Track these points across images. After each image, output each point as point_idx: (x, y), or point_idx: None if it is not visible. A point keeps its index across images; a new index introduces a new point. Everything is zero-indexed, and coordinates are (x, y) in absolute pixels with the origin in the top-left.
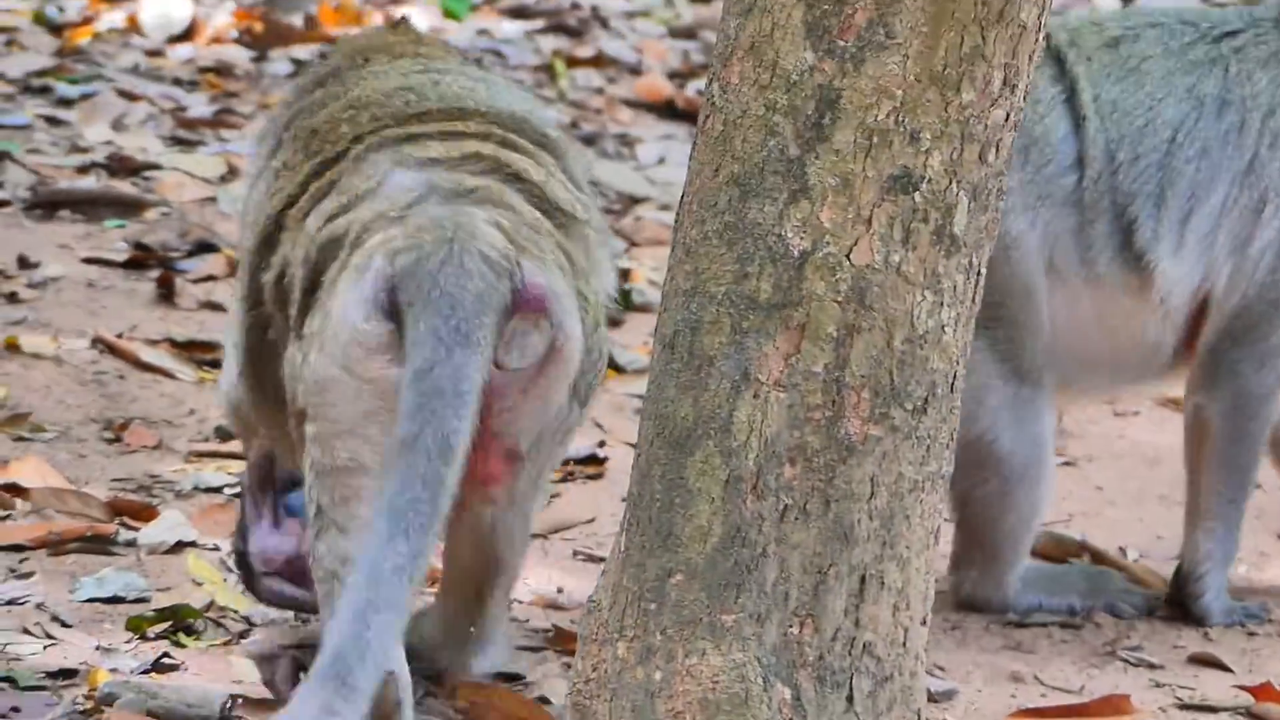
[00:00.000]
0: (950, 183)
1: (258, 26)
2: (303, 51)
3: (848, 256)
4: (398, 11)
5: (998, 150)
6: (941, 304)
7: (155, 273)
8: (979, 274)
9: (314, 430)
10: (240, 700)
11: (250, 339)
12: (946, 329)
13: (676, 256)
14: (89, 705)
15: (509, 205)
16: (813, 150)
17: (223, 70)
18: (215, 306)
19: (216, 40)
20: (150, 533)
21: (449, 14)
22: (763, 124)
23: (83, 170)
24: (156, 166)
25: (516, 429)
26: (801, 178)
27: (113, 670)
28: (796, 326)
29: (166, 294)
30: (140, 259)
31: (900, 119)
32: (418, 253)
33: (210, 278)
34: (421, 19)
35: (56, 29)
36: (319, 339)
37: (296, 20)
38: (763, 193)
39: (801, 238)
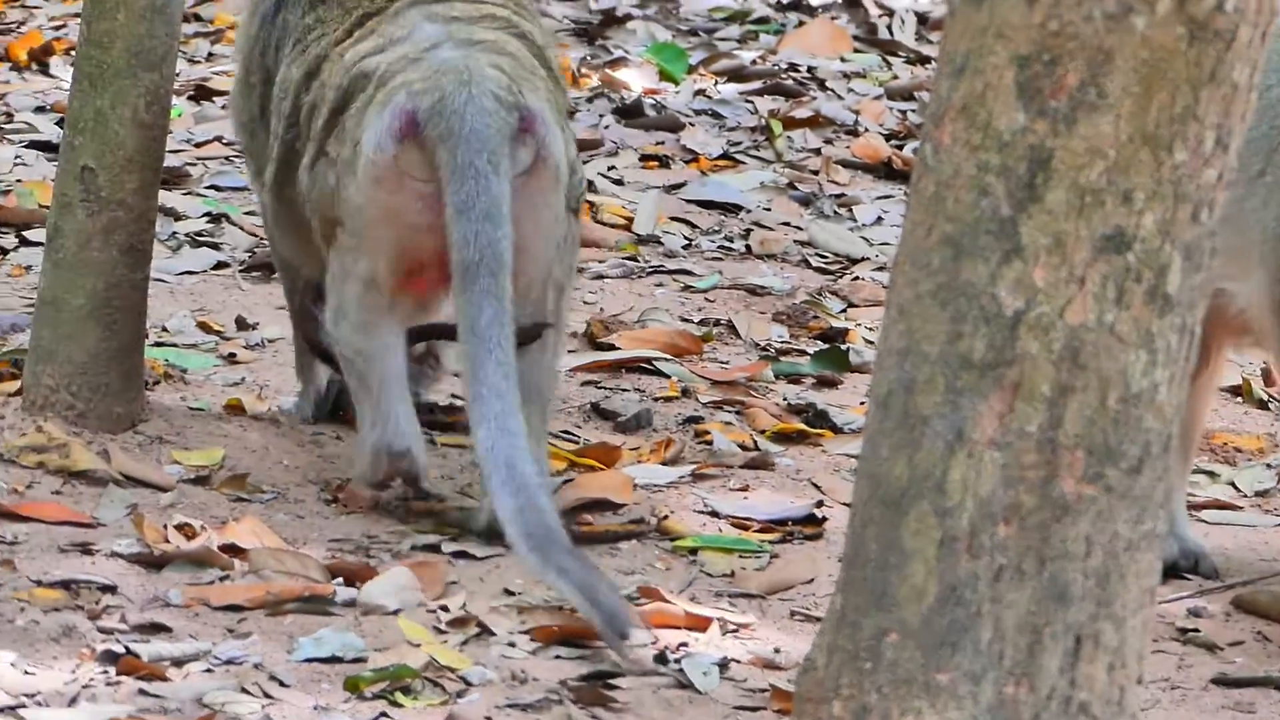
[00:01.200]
0: (1163, 243)
1: None
2: None
3: (1061, 316)
4: (616, 73)
5: (1210, 210)
6: (1155, 364)
7: None
8: (1192, 334)
9: (345, 237)
10: None
11: (282, 154)
12: (1160, 388)
13: (890, 317)
14: None
15: (510, 53)
16: (1025, 210)
17: None
18: None
19: None
20: (371, 591)
21: (665, 75)
22: (975, 184)
23: None
24: None
25: (519, 234)
26: (1014, 237)
27: None
28: (1010, 386)
29: None
30: None
31: (1112, 179)
32: (440, 93)
33: None
34: (637, 79)
35: None
36: (352, 165)
37: None
38: (976, 253)
39: (1015, 297)
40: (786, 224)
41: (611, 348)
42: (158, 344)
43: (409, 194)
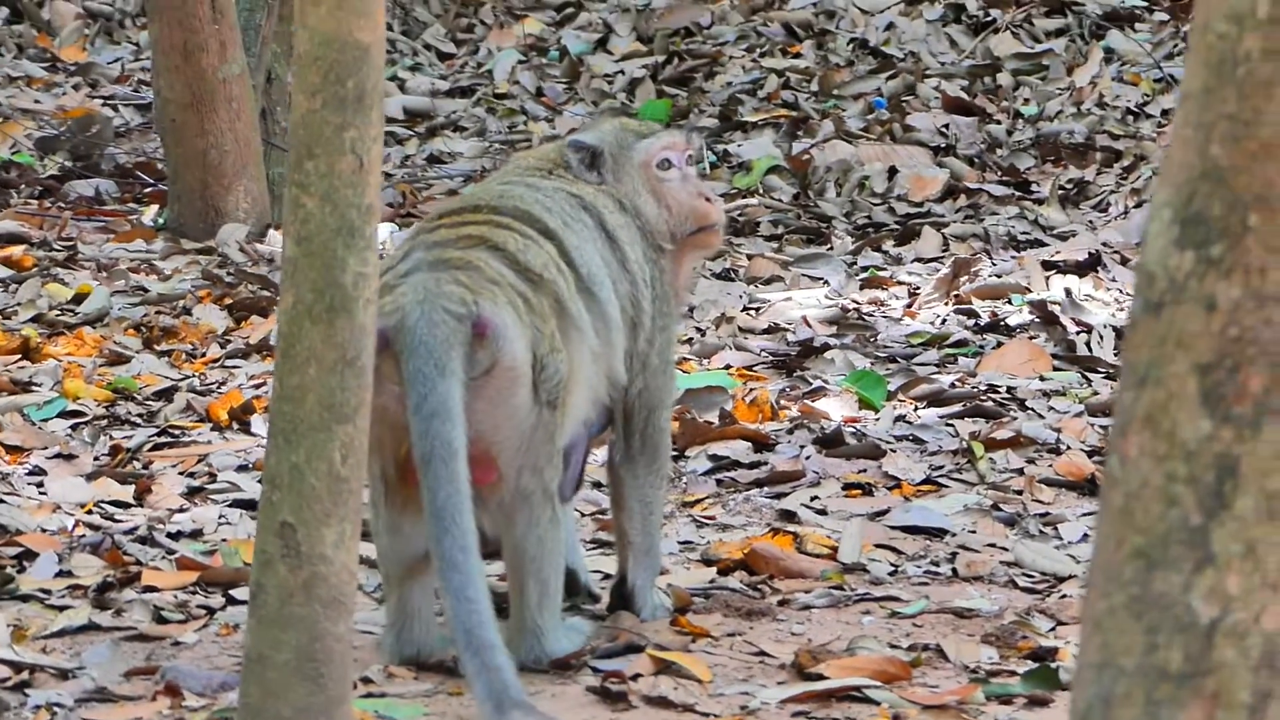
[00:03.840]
0: None
1: (674, 425)
2: (720, 448)
3: (1257, 622)
4: (815, 403)
5: None
6: None
7: None
8: None
9: None
10: None
11: None
12: None
13: (1086, 631)
14: None
15: (476, 267)
16: (1215, 518)
17: None
18: None
19: None
20: None
21: (865, 403)
22: (1163, 495)
23: None
24: None
25: (483, 428)
26: (1206, 546)
27: None
28: (1209, 695)
29: None
30: None
31: None
32: (401, 314)
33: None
34: (837, 408)
35: None
36: None
37: (711, 416)
38: (1167, 563)
39: (1210, 606)
40: (992, 545)
41: (820, 677)
42: (366, 695)
43: (388, 395)
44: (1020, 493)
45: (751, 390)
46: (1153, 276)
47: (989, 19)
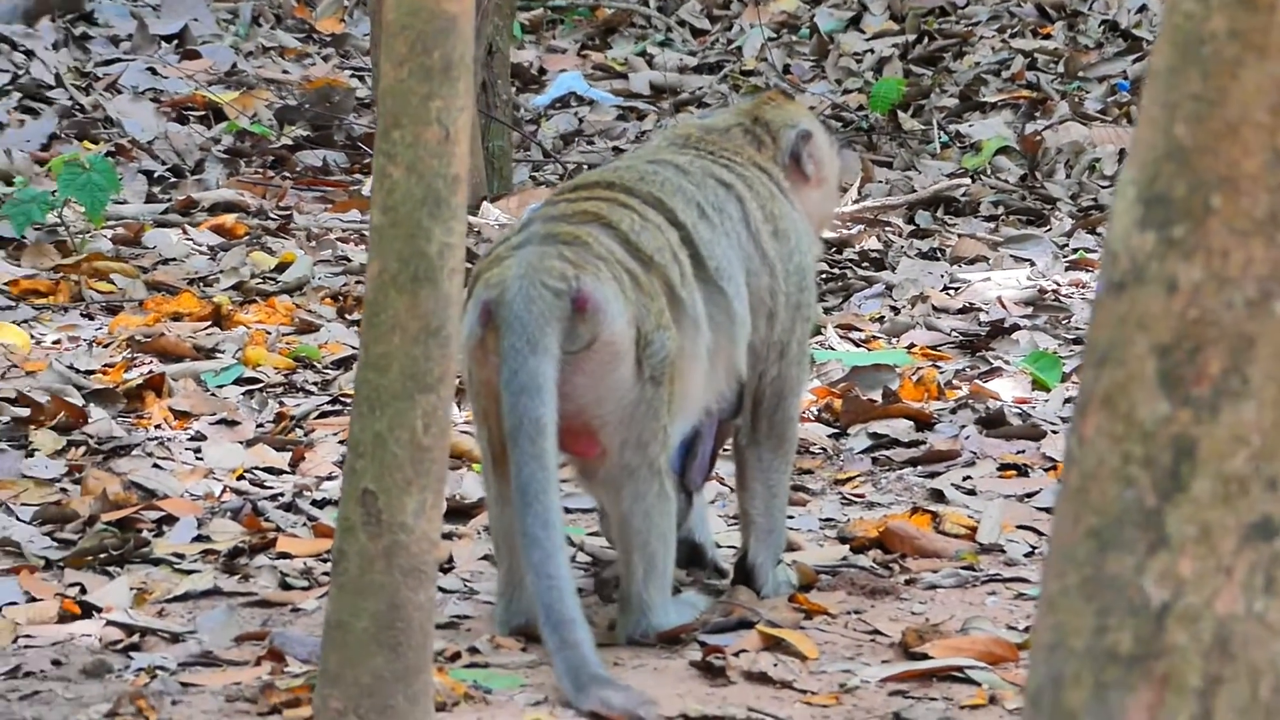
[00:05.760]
0: None
1: (836, 403)
2: (881, 426)
3: (1209, 606)
4: (988, 384)
5: None
6: None
7: None
8: None
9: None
10: None
11: None
12: None
13: (1040, 612)
14: None
15: (584, 243)
16: (1170, 500)
17: (800, 447)
18: None
19: None
20: None
21: (1039, 384)
22: (1119, 476)
23: None
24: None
25: (584, 402)
26: (1160, 528)
27: None
28: (1159, 678)
29: None
30: None
31: (1258, 466)
32: (502, 288)
33: None
34: (1009, 389)
35: None
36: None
37: (876, 395)
38: (1121, 544)
39: (1161, 589)
40: None
41: (925, 657)
42: (470, 665)
43: (491, 368)
44: None
45: (919, 370)
46: (1116, 256)
47: None
